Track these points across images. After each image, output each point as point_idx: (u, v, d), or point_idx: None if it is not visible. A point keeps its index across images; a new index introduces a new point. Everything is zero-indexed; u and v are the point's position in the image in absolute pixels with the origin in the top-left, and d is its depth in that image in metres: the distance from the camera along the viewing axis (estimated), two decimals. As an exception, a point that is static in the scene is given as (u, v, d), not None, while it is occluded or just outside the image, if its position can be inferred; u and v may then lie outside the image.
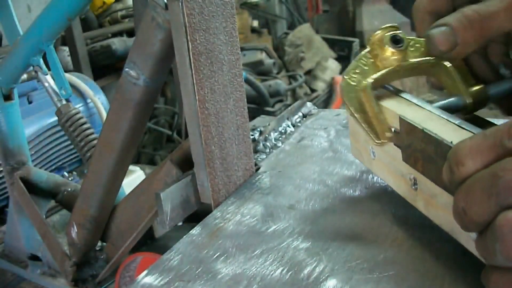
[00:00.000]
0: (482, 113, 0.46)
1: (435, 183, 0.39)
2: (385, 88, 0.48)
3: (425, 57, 0.46)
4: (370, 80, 0.45)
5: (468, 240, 0.36)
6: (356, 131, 0.52)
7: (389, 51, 0.45)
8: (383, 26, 0.47)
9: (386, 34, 0.46)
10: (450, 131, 0.38)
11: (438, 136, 0.37)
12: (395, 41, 0.46)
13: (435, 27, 0.42)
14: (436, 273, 0.39)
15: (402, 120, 0.42)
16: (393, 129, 0.44)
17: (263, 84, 2.95)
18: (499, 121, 0.43)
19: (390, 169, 0.47)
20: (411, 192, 0.44)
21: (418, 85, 3.41)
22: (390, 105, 0.45)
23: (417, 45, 0.47)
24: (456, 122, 0.39)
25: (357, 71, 0.46)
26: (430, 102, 0.44)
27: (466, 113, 0.45)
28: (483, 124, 0.44)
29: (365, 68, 0.46)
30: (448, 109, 0.43)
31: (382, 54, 0.46)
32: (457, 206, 0.32)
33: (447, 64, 0.45)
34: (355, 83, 0.46)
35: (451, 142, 0.36)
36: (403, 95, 0.46)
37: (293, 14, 4.37)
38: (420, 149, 0.40)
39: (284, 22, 4.41)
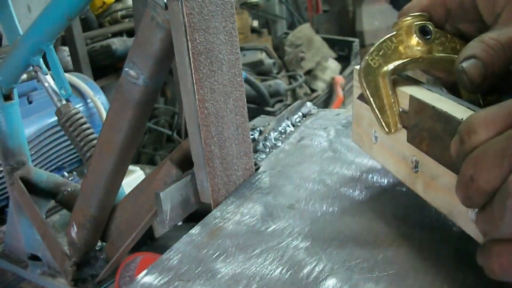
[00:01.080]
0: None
1: (440, 161, 0.39)
2: (400, 76, 0.47)
3: (449, 53, 0.46)
4: (391, 66, 0.45)
5: (466, 221, 0.36)
6: (360, 115, 0.51)
7: (416, 40, 0.45)
8: (413, 14, 0.46)
9: (416, 23, 0.45)
10: (460, 110, 0.38)
11: (449, 113, 0.37)
12: (423, 31, 0.45)
13: (464, 60, 0.40)
14: (436, 273, 0.39)
15: (412, 98, 0.42)
16: (400, 109, 0.44)
17: (263, 84, 2.95)
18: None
19: (392, 152, 0.46)
20: (411, 175, 0.43)
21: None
22: (405, 89, 0.44)
23: (442, 38, 0.46)
24: (466, 105, 0.38)
25: (380, 53, 0.45)
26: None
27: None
28: None
29: (388, 52, 0.45)
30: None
31: (407, 42, 0.45)
32: (464, 175, 0.31)
33: None
34: (375, 66, 0.45)
35: (462, 118, 0.36)
36: (425, 86, 0.45)
37: (293, 14, 4.37)
38: (427, 127, 0.40)
39: (284, 22, 4.40)
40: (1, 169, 1.12)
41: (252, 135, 0.72)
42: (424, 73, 0.51)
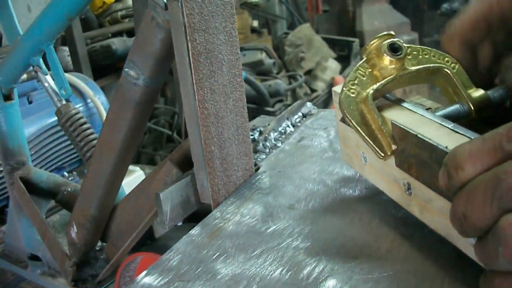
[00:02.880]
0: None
1: (430, 188, 0.38)
2: (385, 98, 0.46)
3: (423, 64, 0.45)
4: (370, 91, 0.44)
5: (466, 245, 0.36)
6: (346, 136, 0.51)
7: (388, 60, 0.44)
8: (378, 35, 0.45)
9: (384, 43, 0.44)
10: (444, 135, 0.37)
11: (433, 141, 0.37)
12: (393, 49, 0.44)
13: None
14: (436, 273, 0.39)
15: (394, 126, 0.42)
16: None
17: (263, 84, 2.95)
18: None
19: (382, 174, 0.46)
20: (405, 197, 0.43)
21: (418, 86, 3.41)
22: (386, 113, 0.44)
23: (414, 52, 0.45)
24: (450, 126, 0.38)
25: (355, 82, 0.45)
26: (432, 110, 0.44)
27: (469, 120, 0.44)
28: (477, 127, 0.43)
29: (363, 78, 0.45)
30: (451, 117, 0.42)
31: (380, 63, 0.45)
32: (456, 212, 0.32)
33: (447, 70, 0.45)
34: (354, 95, 0.45)
35: (446, 147, 0.36)
36: (404, 104, 0.45)
37: (293, 14, 4.37)
38: (414, 154, 0.39)
39: (284, 22, 4.40)
40: (1, 169, 1.12)
41: (252, 135, 0.72)
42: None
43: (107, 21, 2.56)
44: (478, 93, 0.44)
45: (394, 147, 0.42)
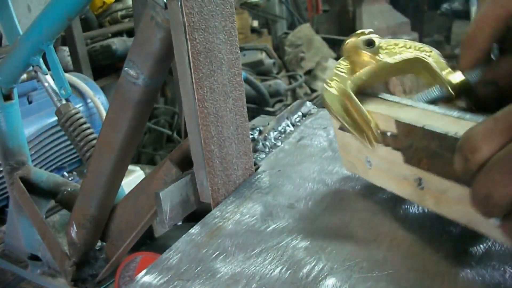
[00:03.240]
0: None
1: (445, 177, 0.38)
2: (365, 93, 0.47)
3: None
4: (349, 84, 0.45)
5: (490, 228, 0.35)
6: (346, 144, 0.52)
7: (365, 55, 0.46)
8: (354, 33, 0.47)
9: (359, 39, 0.46)
10: (450, 123, 0.38)
11: (441, 130, 0.37)
12: (369, 44, 0.46)
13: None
14: (436, 272, 0.39)
15: (398, 123, 0.42)
16: (388, 133, 0.44)
17: (263, 84, 2.94)
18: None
19: (390, 174, 0.46)
20: (417, 193, 0.43)
21: (418, 85, 3.41)
22: (378, 108, 0.44)
23: (389, 47, 0.47)
24: (453, 114, 0.39)
25: (336, 79, 0.46)
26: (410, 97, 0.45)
27: (448, 101, 0.44)
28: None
29: (343, 74, 0.46)
30: (431, 101, 0.43)
31: (358, 59, 0.46)
32: (478, 193, 0.32)
33: (425, 58, 0.45)
34: (336, 91, 0.46)
35: (456, 133, 0.36)
36: (383, 96, 0.46)
37: (293, 14, 4.37)
38: (422, 147, 0.40)
39: (284, 22, 4.40)
40: (1, 169, 1.12)
41: (251, 134, 0.72)
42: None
43: (107, 21, 2.56)
44: (456, 77, 0.45)
45: (380, 136, 0.44)
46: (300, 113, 0.80)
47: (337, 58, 3.71)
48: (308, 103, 0.83)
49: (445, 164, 0.37)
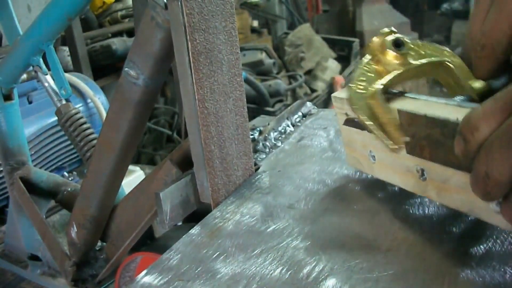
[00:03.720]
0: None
1: (446, 165, 0.39)
2: (388, 93, 0.47)
3: (425, 58, 0.46)
4: (379, 85, 0.45)
5: (490, 214, 0.36)
6: (351, 140, 0.52)
7: (392, 55, 0.45)
8: (381, 31, 0.47)
9: (387, 39, 0.46)
10: (452, 111, 0.38)
11: (443, 117, 0.37)
12: (396, 44, 0.46)
13: None
14: (436, 272, 0.39)
15: (401, 112, 0.42)
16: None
17: (263, 84, 2.94)
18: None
19: (394, 167, 0.47)
20: (420, 184, 0.44)
21: (418, 85, 3.41)
22: (396, 105, 0.45)
23: (415, 47, 0.46)
24: (455, 103, 0.39)
25: (362, 78, 0.46)
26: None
27: None
28: None
29: (370, 74, 0.46)
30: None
31: (384, 59, 0.46)
32: (478, 173, 0.32)
33: (449, 64, 0.45)
34: (363, 91, 0.46)
35: (457, 118, 0.36)
36: (407, 94, 0.46)
37: (293, 14, 4.36)
38: (424, 135, 0.40)
39: (284, 22, 4.40)
40: (1, 169, 1.12)
41: (252, 135, 0.72)
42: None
43: (107, 21, 2.56)
44: (480, 84, 0.45)
45: (406, 139, 0.43)
46: (300, 114, 0.80)
47: (337, 58, 3.72)
48: (308, 104, 0.83)
49: (447, 152, 0.38)
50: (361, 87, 0.46)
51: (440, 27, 4.86)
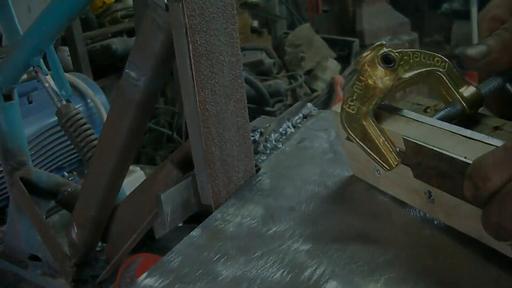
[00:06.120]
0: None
1: (454, 195, 0.39)
2: (380, 107, 0.47)
3: (415, 68, 0.46)
4: (370, 107, 0.45)
5: (501, 245, 0.36)
6: (354, 153, 0.51)
7: (382, 71, 0.45)
8: (371, 47, 0.46)
9: (377, 54, 0.45)
10: (458, 144, 0.38)
11: (451, 153, 0.37)
12: (386, 60, 0.45)
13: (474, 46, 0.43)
14: (437, 276, 0.39)
15: (406, 141, 0.42)
16: (397, 149, 0.44)
17: (263, 84, 2.94)
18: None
19: (400, 185, 0.46)
20: (428, 205, 0.44)
21: (418, 86, 3.41)
22: (391, 126, 0.45)
23: (405, 57, 0.46)
24: (462, 133, 0.39)
25: (354, 98, 0.46)
26: (431, 108, 0.45)
27: (465, 117, 0.45)
28: (479, 119, 0.44)
29: (361, 92, 0.46)
30: (447, 118, 0.43)
31: (375, 75, 0.46)
32: (490, 222, 0.33)
33: (439, 73, 0.46)
34: (354, 111, 0.46)
35: (465, 157, 0.36)
36: (402, 113, 0.46)
37: (293, 14, 4.36)
38: (432, 166, 0.40)
39: (284, 22, 4.40)
40: (1, 169, 1.11)
41: (252, 136, 0.72)
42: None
43: (107, 21, 2.56)
44: (469, 91, 0.45)
45: (398, 160, 0.44)
46: (301, 115, 0.80)
47: (337, 58, 3.72)
48: (309, 105, 0.83)
49: (455, 185, 0.38)
50: (353, 107, 0.46)
51: (440, 27, 4.85)
